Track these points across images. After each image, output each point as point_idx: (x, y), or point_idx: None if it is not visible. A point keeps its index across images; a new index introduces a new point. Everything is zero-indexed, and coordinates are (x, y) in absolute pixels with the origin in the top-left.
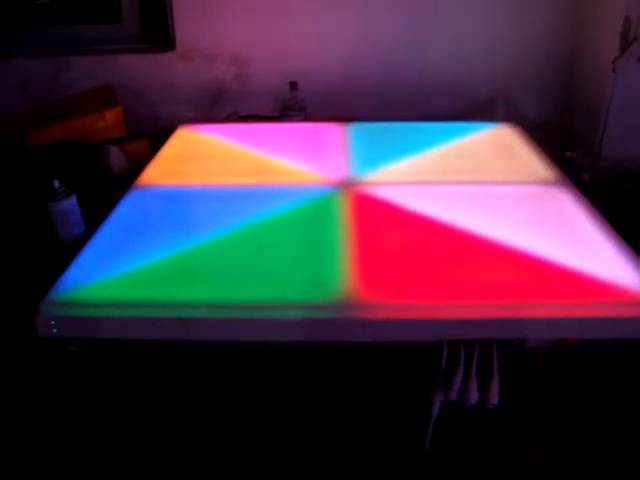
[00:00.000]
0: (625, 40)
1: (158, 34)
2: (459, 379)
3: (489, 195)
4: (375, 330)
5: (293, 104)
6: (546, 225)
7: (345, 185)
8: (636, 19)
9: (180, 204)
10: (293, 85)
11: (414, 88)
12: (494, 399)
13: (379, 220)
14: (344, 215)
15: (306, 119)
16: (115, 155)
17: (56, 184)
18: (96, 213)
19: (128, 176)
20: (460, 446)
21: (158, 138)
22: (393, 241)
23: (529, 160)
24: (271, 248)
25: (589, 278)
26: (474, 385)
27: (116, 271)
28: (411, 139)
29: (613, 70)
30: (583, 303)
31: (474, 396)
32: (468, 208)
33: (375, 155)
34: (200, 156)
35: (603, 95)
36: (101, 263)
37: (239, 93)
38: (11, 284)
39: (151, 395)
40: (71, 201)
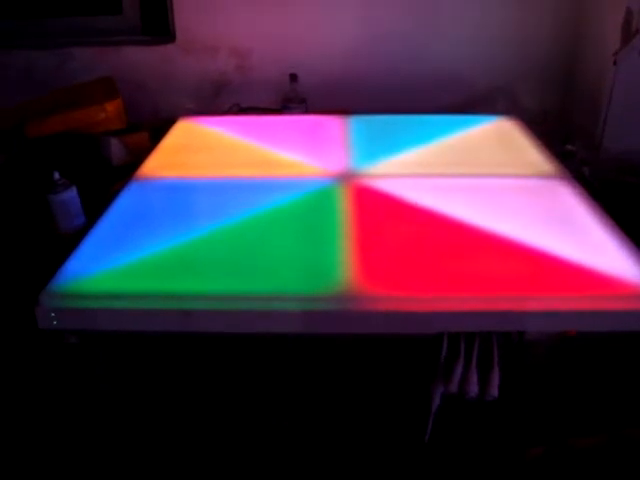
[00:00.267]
0: (627, 32)
1: (158, 26)
2: (459, 371)
3: (489, 188)
4: (375, 322)
5: (294, 96)
6: (547, 218)
7: (345, 177)
8: (638, 11)
9: (180, 196)
10: (293, 77)
11: (414, 80)
12: (494, 391)
13: (379, 212)
14: (344, 207)
15: (306, 111)
16: (115, 147)
17: (56, 176)
18: (96, 205)
19: (128, 168)
20: (460, 439)
21: (158, 130)
22: (393, 233)
23: (529, 153)
24: (271, 240)
25: (589, 271)
26: (474, 377)
27: (116, 263)
28: (411, 132)
29: (614, 63)
30: (583, 296)
31: (474, 388)
32: (468, 201)
33: (375, 148)
34: (200, 148)
35: (604, 88)
36: (101, 255)
37: (240, 85)
38: (11, 276)
39: (151, 387)
40: (71, 193)
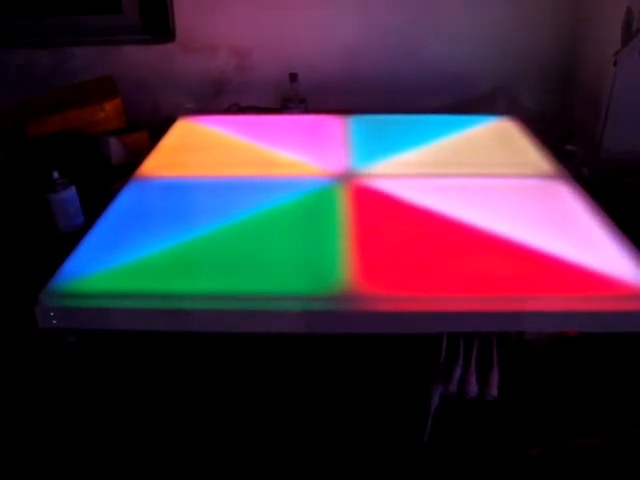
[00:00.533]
0: (627, 32)
1: (158, 25)
2: (458, 371)
3: (489, 188)
4: (374, 322)
5: (293, 96)
6: (546, 218)
7: (345, 177)
8: (638, 11)
9: (179, 196)
10: (293, 77)
11: (414, 80)
12: (493, 391)
13: (379, 212)
14: (344, 207)
15: (306, 111)
16: (114, 146)
17: (55, 175)
18: (95, 204)
19: (127, 167)
20: (459, 439)
21: (158, 129)
22: (393, 233)
23: (529, 153)
24: (271, 240)
25: (589, 272)
26: (473, 377)
27: (116, 262)
28: (411, 131)
29: (614, 63)
30: (583, 296)
31: (473, 388)
32: (468, 201)
33: (375, 147)
34: (200, 147)
35: (604, 88)
36: (100, 254)
37: (240, 84)
38: (10, 275)
39: (151, 386)
40: (70, 192)
